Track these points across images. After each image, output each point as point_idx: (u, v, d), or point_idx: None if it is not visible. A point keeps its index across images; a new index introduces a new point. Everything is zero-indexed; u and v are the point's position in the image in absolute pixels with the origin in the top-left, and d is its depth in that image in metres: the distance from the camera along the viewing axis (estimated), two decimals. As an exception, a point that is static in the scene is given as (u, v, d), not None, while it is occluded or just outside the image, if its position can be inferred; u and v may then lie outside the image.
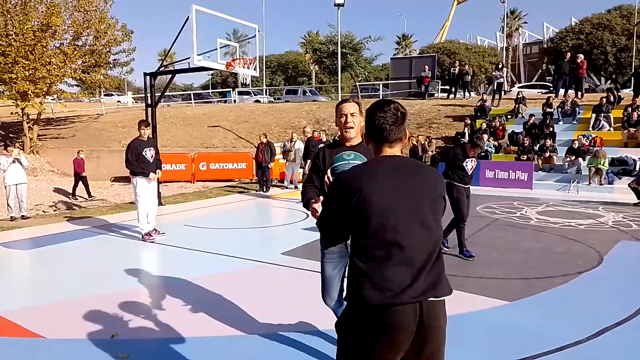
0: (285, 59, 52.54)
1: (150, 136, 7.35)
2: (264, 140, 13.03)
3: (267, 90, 35.65)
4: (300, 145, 13.54)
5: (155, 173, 7.05)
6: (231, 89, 37.36)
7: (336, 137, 3.49)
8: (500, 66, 18.99)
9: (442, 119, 18.26)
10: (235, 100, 32.28)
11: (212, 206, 10.74)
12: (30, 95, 19.46)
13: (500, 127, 15.37)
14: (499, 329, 3.86)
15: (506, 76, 19.51)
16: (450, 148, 7.17)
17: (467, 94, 21.19)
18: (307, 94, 31.60)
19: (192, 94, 35.39)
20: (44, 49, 19.23)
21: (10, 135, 22.71)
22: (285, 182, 13.97)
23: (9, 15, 18.82)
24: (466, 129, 15.70)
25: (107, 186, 16.99)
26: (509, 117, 16.92)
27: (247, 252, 6.26)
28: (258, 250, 6.44)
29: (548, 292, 4.69)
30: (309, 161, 10.44)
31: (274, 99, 34.79)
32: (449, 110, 18.98)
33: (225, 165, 16.37)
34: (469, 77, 20.97)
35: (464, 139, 15.54)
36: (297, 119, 21.76)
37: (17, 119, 21.27)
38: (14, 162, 9.07)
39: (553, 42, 43.18)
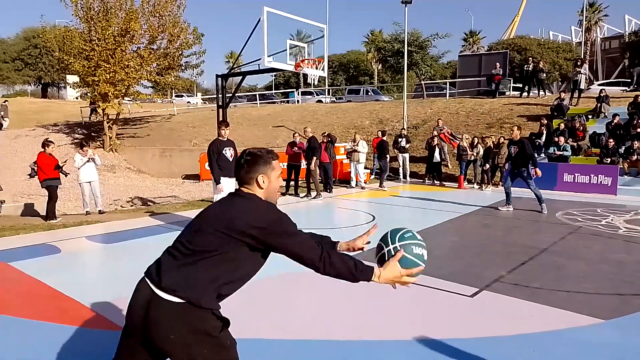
0: (346, 58, 52.46)
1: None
2: (325, 140, 12.91)
3: (329, 90, 35.69)
4: (364, 145, 13.40)
5: None
6: (294, 89, 37.81)
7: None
8: (579, 62, 17.77)
9: (515, 118, 17.36)
10: (298, 101, 32.62)
11: (278, 205, 10.82)
12: (110, 96, 20.71)
13: (580, 128, 14.36)
14: (594, 350, 3.54)
15: (586, 73, 18.17)
16: None
17: (542, 92, 20.01)
18: (369, 94, 31.29)
19: (257, 95, 36.19)
20: (123, 53, 20.40)
21: (92, 134, 24.35)
22: (351, 182, 13.91)
23: (92, 22, 20.17)
24: (542, 129, 14.80)
25: (178, 183, 17.75)
26: (589, 116, 15.79)
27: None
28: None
29: (649, 311, 4.26)
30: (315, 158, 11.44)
31: (336, 98, 34.78)
32: (523, 109, 18.01)
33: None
34: (544, 75, 19.79)
35: (539, 140, 14.68)
36: (360, 119, 21.59)
37: (98, 119, 22.75)
38: (88, 161, 9.64)
39: (637, 35, 39.84)
